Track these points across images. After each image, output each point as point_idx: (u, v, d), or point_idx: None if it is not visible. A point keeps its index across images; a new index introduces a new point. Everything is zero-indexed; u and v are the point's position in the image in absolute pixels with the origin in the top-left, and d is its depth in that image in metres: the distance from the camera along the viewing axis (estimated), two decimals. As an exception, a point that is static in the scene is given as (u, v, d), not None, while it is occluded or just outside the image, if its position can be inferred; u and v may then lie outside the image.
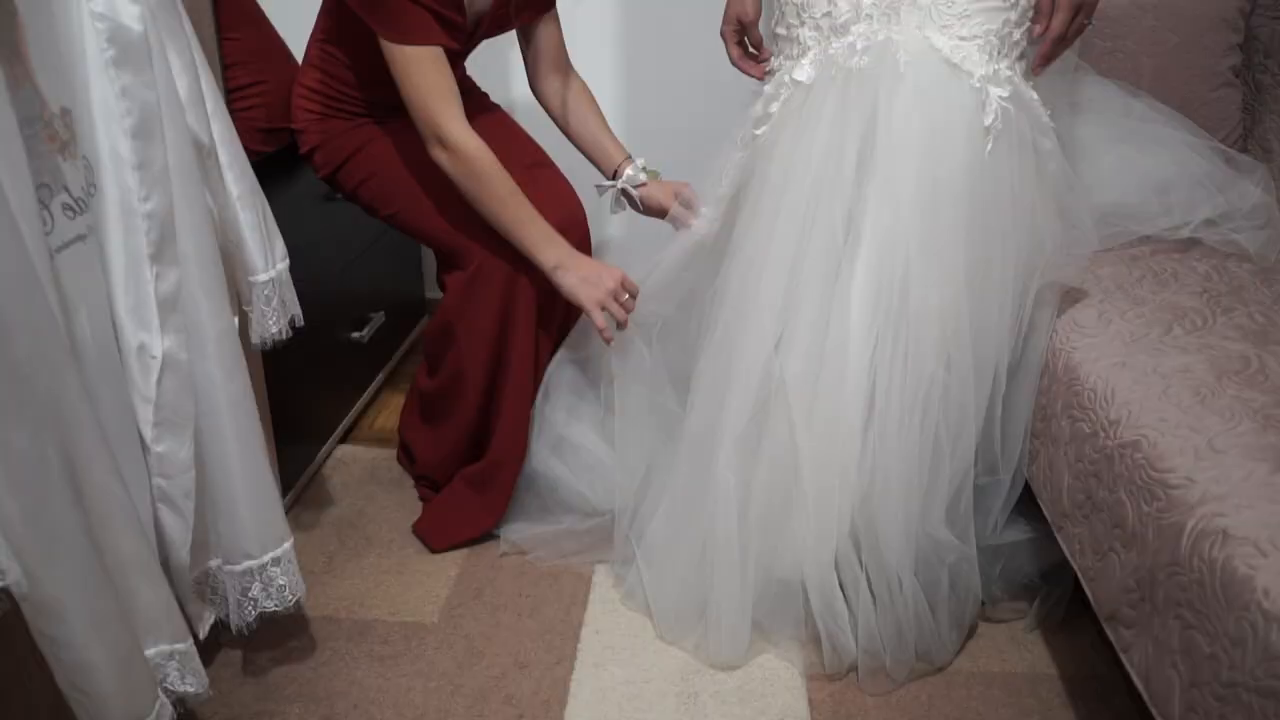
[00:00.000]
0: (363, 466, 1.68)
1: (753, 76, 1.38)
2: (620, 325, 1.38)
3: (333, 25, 1.46)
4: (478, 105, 1.60)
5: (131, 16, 0.92)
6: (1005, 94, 1.14)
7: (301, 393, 1.59)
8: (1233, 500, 0.84)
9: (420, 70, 1.31)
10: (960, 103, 1.14)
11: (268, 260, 1.14)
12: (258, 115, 1.52)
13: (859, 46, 1.16)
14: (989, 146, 1.14)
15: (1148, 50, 1.79)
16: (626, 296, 1.38)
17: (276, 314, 1.16)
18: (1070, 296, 1.27)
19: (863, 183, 1.15)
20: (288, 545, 1.15)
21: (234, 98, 1.49)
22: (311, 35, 1.52)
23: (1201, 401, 0.99)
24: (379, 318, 1.84)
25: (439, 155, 1.35)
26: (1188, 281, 1.30)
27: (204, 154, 1.04)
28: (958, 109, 1.14)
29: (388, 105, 1.46)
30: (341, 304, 1.74)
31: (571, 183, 1.55)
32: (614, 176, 1.54)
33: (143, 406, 1.01)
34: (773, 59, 1.32)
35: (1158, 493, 0.92)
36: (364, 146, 1.49)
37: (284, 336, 1.18)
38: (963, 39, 1.15)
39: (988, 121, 1.13)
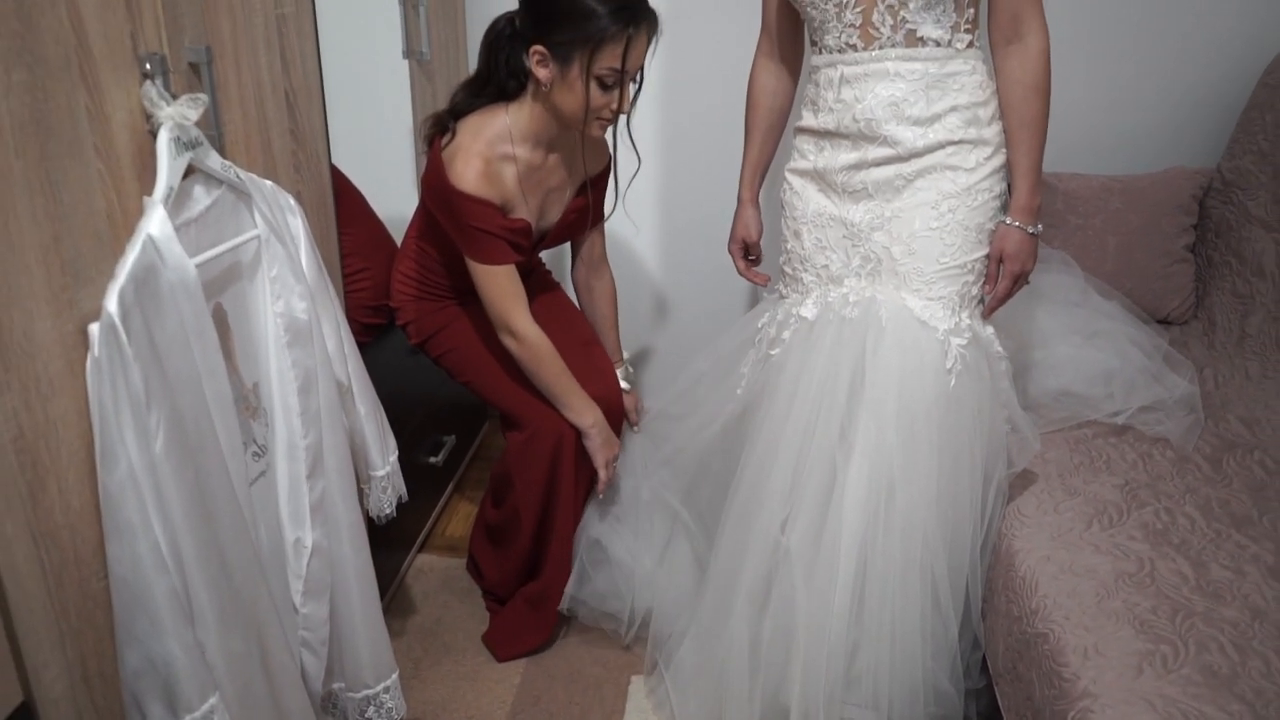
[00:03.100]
0: (439, 575, 2.02)
1: (757, 284, 1.71)
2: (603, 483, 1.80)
3: (426, 226, 1.79)
4: (540, 284, 1.94)
5: (301, 310, 1.26)
6: (964, 342, 1.45)
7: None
8: (1102, 700, 1.14)
9: (496, 281, 1.65)
10: (929, 350, 1.44)
11: (384, 459, 1.48)
12: (366, 295, 1.85)
13: (851, 299, 1.48)
14: (952, 383, 1.44)
15: (1113, 229, 2.08)
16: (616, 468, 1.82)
17: (390, 498, 1.50)
18: (1023, 481, 1.57)
19: (854, 405, 1.45)
20: (395, 676, 1.49)
21: (348, 281, 1.82)
22: (408, 229, 1.86)
23: (1099, 603, 1.29)
24: (450, 441, 2.17)
25: (509, 342, 1.69)
26: (1118, 469, 1.60)
27: (343, 391, 1.37)
28: (927, 356, 1.44)
29: (469, 291, 1.79)
30: (421, 435, 2.07)
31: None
32: None
33: (295, 581, 1.35)
34: (782, 288, 1.64)
35: (1054, 681, 1.22)
36: (448, 325, 1.82)
37: (394, 514, 1.52)
38: (930, 299, 1.45)
39: (949, 365, 1.44)
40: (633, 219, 1.84)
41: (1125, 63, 2.15)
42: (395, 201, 2.04)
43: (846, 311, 1.48)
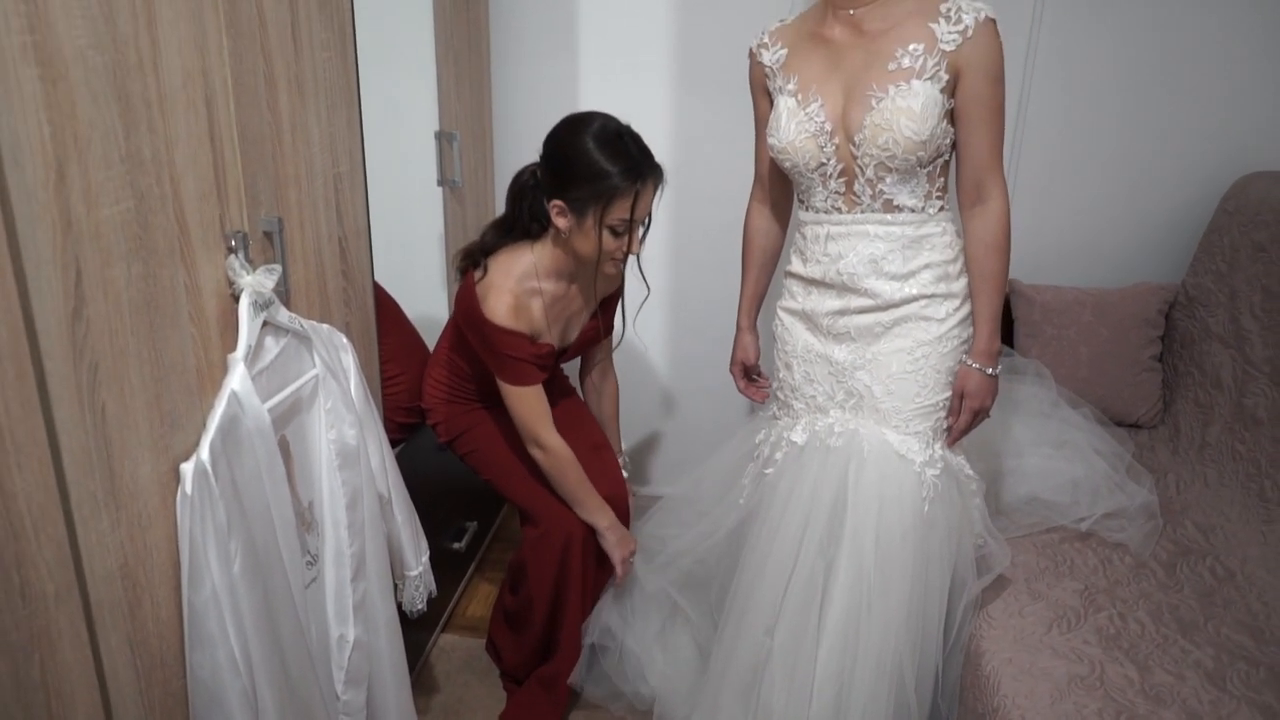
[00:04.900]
0: (460, 655, 2.18)
1: (755, 400, 1.90)
2: (621, 577, 1.96)
3: (458, 341, 1.98)
4: (559, 390, 2.13)
5: (352, 436, 1.45)
6: (937, 472, 1.61)
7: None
8: (1048, 795, 1.29)
9: (526, 401, 1.84)
10: (906, 481, 1.60)
11: (417, 559, 1.66)
12: (400, 398, 2.04)
13: (836, 430, 1.65)
14: (926, 509, 1.60)
15: (1085, 340, 2.26)
16: (632, 562, 1.97)
17: (421, 594, 1.68)
18: (993, 585, 1.72)
19: (834, 526, 1.61)
20: (422, 756, 1.65)
21: (384, 385, 2.01)
22: (440, 341, 2.05)
23: (1052, 705, 1.44)
24: (472, 526, 2.35)
25: (536, 453, 1.87)
26: (1080, 573, 1.75)
27: (384, 503, 1.56)
28: (905, 486, 1.60)
29: (494, 397, 1.98)
30: (446, 523, 2.25)
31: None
32: None
33: (337, 671, 1.52)
34: (774, 409, 1.82)
35: (1010, 776, 1.37)
36: (474, 427, 2.01)
37: (425, 608, 1.69)
38: (907, 435, 1.62)
39: (924, 494, 1.60)
40: (642, 340, 2.04)
41: (1099, 184, 2.34)
42: (428, 308, 2.24)
43: (832, 441, 1.65)
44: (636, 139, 1.71)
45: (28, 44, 0.89)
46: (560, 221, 1.74)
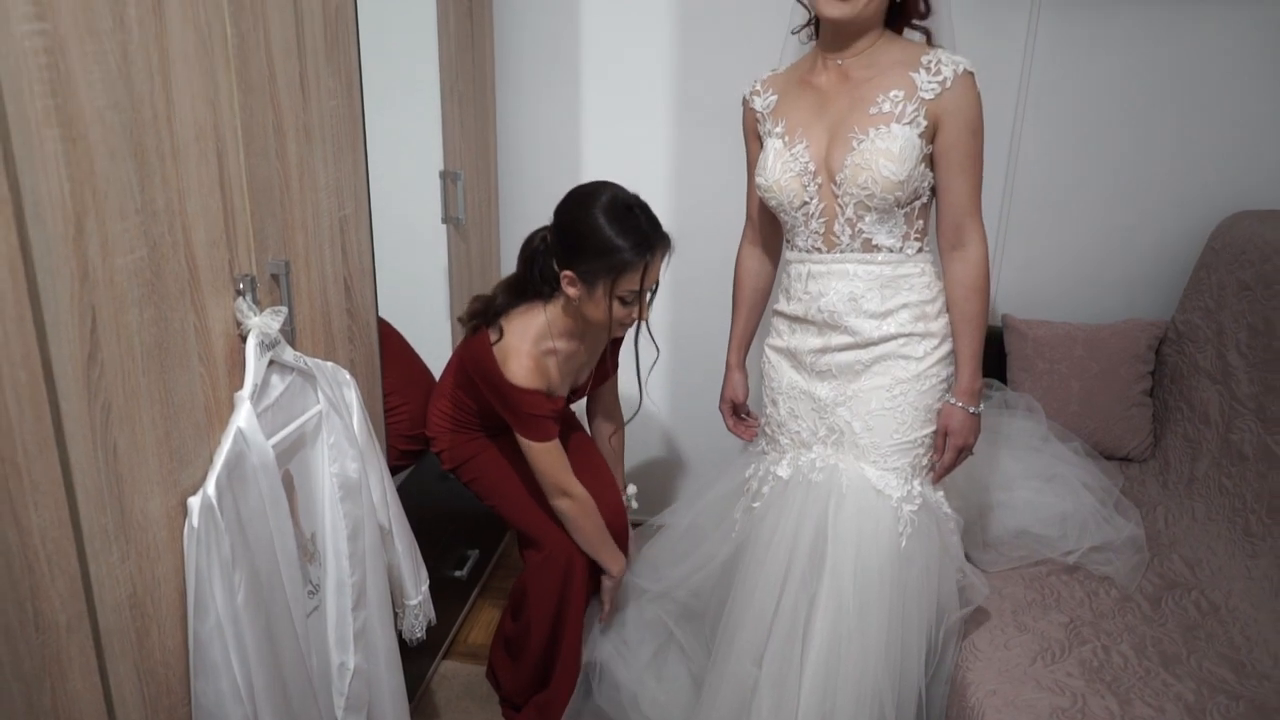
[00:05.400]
0: (461, 682, 2.22)
1: (743, 438, 1.94)
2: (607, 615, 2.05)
3: (465, 380, 2.03)
4: (568, 424, 2.18)
5: (353, 470, 1.50)
6: (914, 508, 1.65)
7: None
8: (1027, 825, 1.33)
9: (549, 456, 1.89)
10: (884, 516, 1.64)
11: (416, 589, 1.70)
12: (403, 426, 2.09)
13: (818, 465, 1.70)
14: (903, 543, 1.64)
15: (1076, 374, 2.29)
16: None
17: (421, 623, 1.72)
18: (980, 618, 1.76)
19: (815, 559, 1.65)
20: (420, 782, 1.69)
21: (388, 415, 2.06)
22: (444, 375, 2.10)
23: (1033, 736, 1.48)
24: (474, 555, 2.39)
25: (563, 503, 1.92)
26: (1066, 606, 1.79)
27: (385, 534, 1.61)
28: (882, 521, 1.64)
29: (496, 428, 2.03)
30: (448, 550, 2.30)
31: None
32: None
33: (338, 698, 1.56)
34: (763, 444, 1.87)
35: (991, 807, 1.40)
36: (477, 455, 2.06)
37: (425, 636, 1.74)
38: (885, 470, 1.66)
39: (901, 529, 1.64)
40: (653, 400, 2.12)
41: (1090, 222, 2.39)
42: (432, 341, 2.30)
43: (814, 476, 1.70)
44: (645, 210, 1.75)
45: (50, 108, 0.95)
46: (571, 291, 1.78)
